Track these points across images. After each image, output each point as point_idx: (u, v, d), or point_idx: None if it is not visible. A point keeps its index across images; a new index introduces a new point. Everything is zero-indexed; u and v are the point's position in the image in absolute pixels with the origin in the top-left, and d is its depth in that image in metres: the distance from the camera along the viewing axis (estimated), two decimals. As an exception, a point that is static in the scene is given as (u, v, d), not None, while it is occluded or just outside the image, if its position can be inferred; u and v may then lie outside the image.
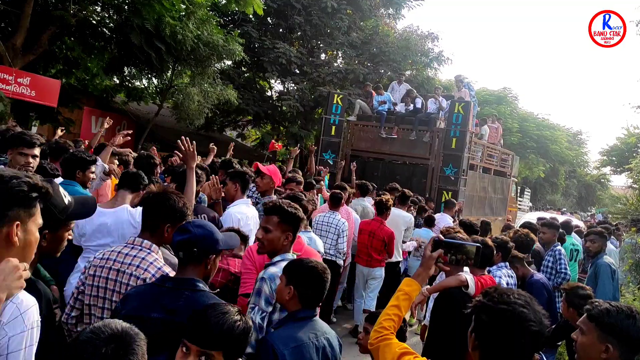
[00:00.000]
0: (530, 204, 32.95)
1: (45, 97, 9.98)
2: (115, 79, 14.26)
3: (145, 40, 10.38)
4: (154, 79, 14.89)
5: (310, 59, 17.11)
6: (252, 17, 15.82)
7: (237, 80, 16.42)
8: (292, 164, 8.11)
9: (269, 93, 19.09)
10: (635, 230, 7.59)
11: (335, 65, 17.30)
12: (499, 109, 25.47)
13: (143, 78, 14.53)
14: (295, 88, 16.41)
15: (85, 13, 10.45)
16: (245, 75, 18.11)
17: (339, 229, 5.71)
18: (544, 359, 2.99)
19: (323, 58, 18.34)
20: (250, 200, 4.43)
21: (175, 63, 12.31)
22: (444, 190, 10.32)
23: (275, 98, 18.18)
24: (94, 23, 11.58)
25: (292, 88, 16.95)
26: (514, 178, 16.43)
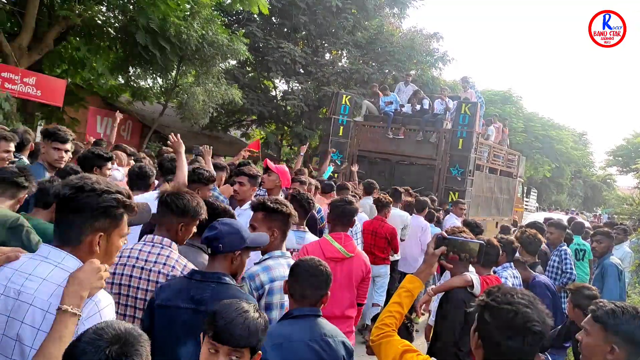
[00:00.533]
0: (537, 205, 32.72)
1: (51, 96, 10.00)
2: (121, 79, 14.29)
3: (151, 40, 10.41)
4: (159, 79, 14.94)
5: (315, 59, 17.09)
6: (256, 16, 15.85)
7: (241, 80, 16.43)
8: (300, 162, 8.13)
9: (274, 93, 19.09)
10: (642, 231, 7.53)
11: (340, 65, 17.28)
12: (505, 109, 25.36)
13: (148, 78, 14.55)
14: (300, 88, 16.41)
15: (91, 13, 10.47)
16: (250, 75, 18.12)
17: (352, 231, 5.70)
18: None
19: (327, 58, 18.32)
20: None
21: (180, 63, 12.33)
22: (451, 191, 10.30)
23: (280, 98, 18.18)
24: (100, 23, 11.63)
25: (296, 88, 16.95)
26: (520, 178, 16.35)
